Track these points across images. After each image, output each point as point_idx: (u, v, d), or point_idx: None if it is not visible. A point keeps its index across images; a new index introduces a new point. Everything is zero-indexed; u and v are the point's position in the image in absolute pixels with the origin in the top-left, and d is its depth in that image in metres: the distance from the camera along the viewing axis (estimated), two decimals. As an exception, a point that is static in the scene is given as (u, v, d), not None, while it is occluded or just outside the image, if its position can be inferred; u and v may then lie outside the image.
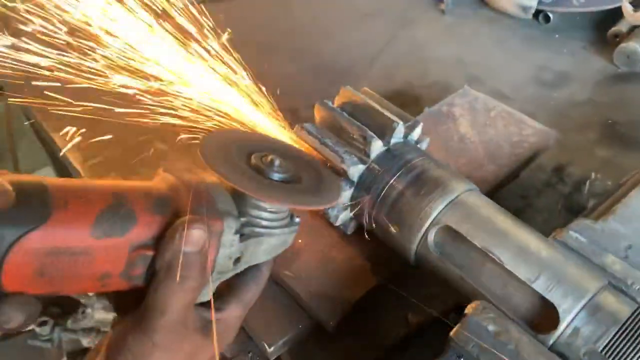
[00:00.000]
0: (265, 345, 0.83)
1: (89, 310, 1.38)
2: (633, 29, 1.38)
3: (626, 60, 1.35)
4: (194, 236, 0.54)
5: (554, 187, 1.11)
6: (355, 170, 0.79)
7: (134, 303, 0.57)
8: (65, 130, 0.92)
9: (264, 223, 0.62)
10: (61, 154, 1.21)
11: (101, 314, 1.37)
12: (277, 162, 0.62)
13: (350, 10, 1.64)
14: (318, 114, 0.85)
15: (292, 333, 0.84)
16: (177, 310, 0.55)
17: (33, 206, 0.49)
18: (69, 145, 0.95)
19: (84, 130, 0.94)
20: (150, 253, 0.55)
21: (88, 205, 0.52)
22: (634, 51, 1.33)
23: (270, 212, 0.62)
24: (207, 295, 0.60)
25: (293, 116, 1.31)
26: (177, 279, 0.54)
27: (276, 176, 0.62)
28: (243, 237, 0.60)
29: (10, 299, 0.50)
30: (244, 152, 0.63)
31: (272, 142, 0.73)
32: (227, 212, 0.59)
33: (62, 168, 1.46)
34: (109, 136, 0.93)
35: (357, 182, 0.80)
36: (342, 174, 0.79)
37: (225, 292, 0.63)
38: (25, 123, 1.44)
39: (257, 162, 0.62)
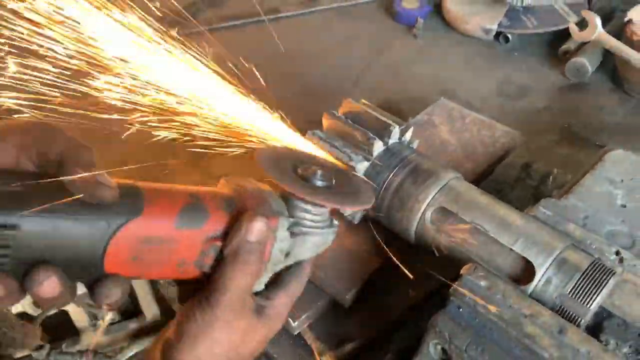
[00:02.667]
0: (290, 320, 0.96)
1: (83, 335, 1.48)
2: (581, 45, 1.59)
3: (576, 72, 1.55)
4: (256, 227, 0.65)
5: (524, 181, 1.28)
6: (362, 167, 0.95)
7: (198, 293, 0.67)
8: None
9: (309, 223, 0.71)
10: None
11: (94, 338, 1.47)
12: (319, 172, 0.72)
13: (330, 36, 1.81)
14: (326, 121, 1.01)
15: (312, 310, 0.99)
16: (238, 290, 0.65)
17: (130, 201, 0.60)
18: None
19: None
20: (219, 243, 0.65)
21: (172, 202, 0.63)
22: (582, 65, 1.54)
23: (314, 214, 0.72)
24: (262, 285, 0.72)
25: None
26: (241, 263, 0.64)
27: (319, 183, 0.72)
28: (292, 234, 0.70)
29: (110, 278, 0.60)
30: (291, 164, 0.74)
31: (312, 157, 0.84)
32: (280, 211, 0.69)
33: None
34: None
35: (364, 176, 0.95)
36: (351, 170, 0.95)
37: (274, 284, 0.73)
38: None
39: (302, 172, 0.72)
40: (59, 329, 1.50)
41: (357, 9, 1.92)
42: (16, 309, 1.40)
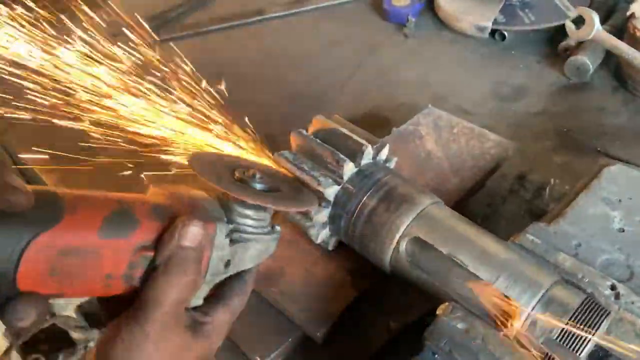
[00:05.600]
0: (258, 358, 0.89)
1: (79, 347, 1.42)
2: (581, 42, 1.49)
3: (576, 71, 1.45)
4: (191, 232, 0.59)
5: (517, 193, 1.20)
6: (331, 191, 0.87)
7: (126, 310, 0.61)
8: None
9: (250, 229, 0.67)
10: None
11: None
12: (258, 175, 0.68)
13: (318, 39, 1.73)
14: (294, 141, 0.93)
15: (283, 345, 0.91)
16: (171, 304, 0.59)
17: (47, 209, 0.53)
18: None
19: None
20: (150, 254, 0.59)
21: (96, 209, 0.57)
22: (583, 63, 1.44)
23: (254, 219, 0.68)
24: (200, 300, 0.65)
25: (270, 142, 1.40)
26: (175, 273, 0.59)
27: (259, 186, 0.68)
28: (231, 242, 0.66)
29: (24, 298, 0.53)
30: (228, 168, 0.70)
31: (251, 162, 0.80)
32: (218, 217, 0.64)
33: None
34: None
35: (333, 202, 0.87)
36: (319, 196, 0.86)
37: (213, 298, 0.67)
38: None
39: (240, 175, 0.68)
40: (57, 341, 1.45)
41: (345, 8, 1.83)
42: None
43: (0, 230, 0.50)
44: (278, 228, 0.72)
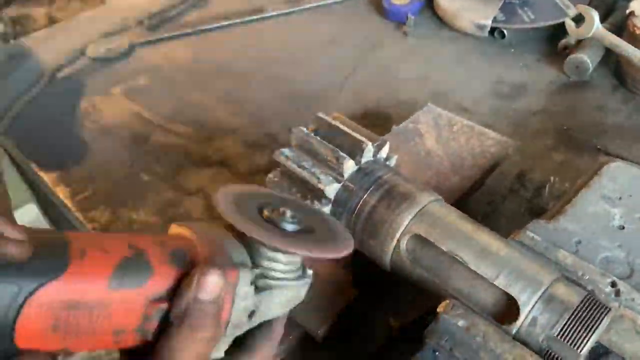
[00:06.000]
0: (259, 357, 0.89)
1: None
2: (581, 40, 1.49)
3: (575, 70, 1.45)
4: (209, 283, 0.53)
5: (517, 192, 1.20)
6: (331, 189, 0.86)
7: None
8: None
9: (278, 275, 0.60)
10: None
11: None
12: (288, 214, 0.61)
13: (318, 37, 1.72)
14: (294, 139, 0.93)
15: (283, 344, 0.91)
16: None
17: (50, 257, 0.48)
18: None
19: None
20: (165, 306, 0.54)
21: (106, 256, 0.51)
22: (582, 61, 1.44)
23: (284, 263, 0.61)
24: (220, 353, 0.59)
25: (270, 140, 1.40)
26: (192, 328, 0.53)
27: (289, 227, 0.61)
28: (257, 289, 0.59)
29: (24, 356, 0.48)
30: (256, 206, 0.63)
31: (283, 197, 0.73)
32: (241, 263, 0.58)
33: (47, 204, 1.52)
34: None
35: (333, 200, 0.87)
36: (320, 193, 0.86)
37: (237, 350, 0.61)
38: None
39: (269, 214, 0.61)
40: None
41: (345, 7, 1.83)
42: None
43: None
44: (310, 272, 0.65)
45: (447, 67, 1.57)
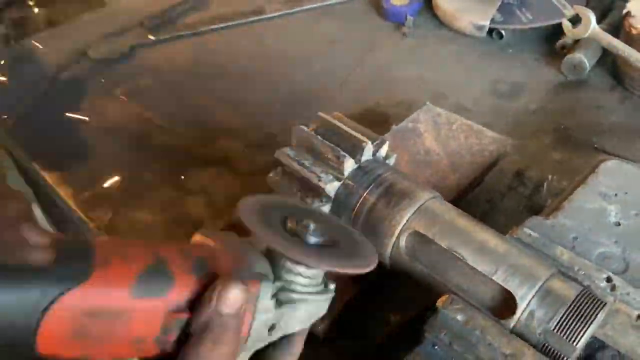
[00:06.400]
0: (261, 353, 0.90)
1: None
2: (578, 40, 1.50)
3: (573, 69, 1.47)
4: (231, 296, 0.52)
5: (516, 190, 1.21)
6: (332, 187, 0.88)
7: None
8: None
9: (300, 288, 0.59)
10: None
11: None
12: (312, 227, 0.60)
13: (318, 38, 1.73)
14: (295, 138, 0.94)
15: (284, 340, 0.92)
16: None
17: (75, 263, 0.48)
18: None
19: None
20: (185, 317, 0.53)
21: (130, 263, 0.51)
22: (580, 61, 1.45)
23: (306, 277, 0.60)
24: None
25: (271, 140, 1.41)
26: (212, 342, 0.52)
27: (313, 240, 0.60)
28: (278, 303, 0.58)
29: None
30: (280, 217, 0.62)
31: (305, 207, 0.73)
32: (263, 274, 0.58)
33: (50, 204, 1.53)
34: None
35: (334, 198, 0.89)
36: (320, 191, 0.88)
37: None
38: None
39: (293, 225, 0.60)
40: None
41: (344, 7, 1.84)
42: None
43: (19, 288, 0.45)
44: (332, 287, 0.64)
45: (446, 67, 1.58)
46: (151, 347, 0.53)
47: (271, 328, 0.59)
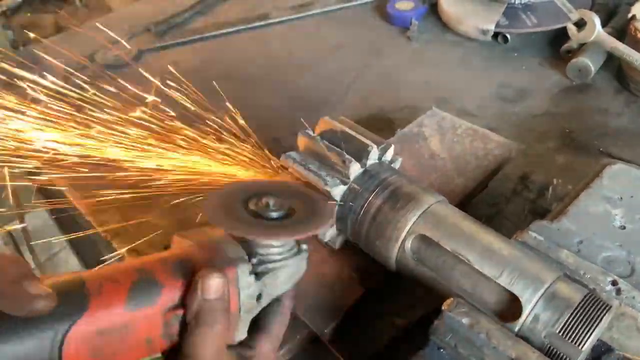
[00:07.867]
0: (267, 356, 0.91)
1: None
2: (583, 44, 1.50)
3: (578, 73, 1.47)
4: (212, 285, 0.61)
5: (520, 194, 1.21)
6: (338, 191, 0.88)
7: None
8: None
9: (275, 257, 0.68)
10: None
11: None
12: (271, 203, 0.68)
13: (323, 43, 1.74)
14: (301, 142, 0.95)
15: (290, 344, 0.93)
16: (211, 355, 0.62)
17: (74, 297, 0.56)
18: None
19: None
20: (181, 312, 0.62)
21: (118, 285, 0.59)
22: (585, 65, 1.45)
23: (278, 247, 0.68)
24: (244, 334, 0.67)
25: (276, 145, 1.42)
26: (205, 325, 0.61)
27: (274, 215, 0.68)
28: (258, 275, 0.67)
29: None
30: (242, 201, 0.70)
31: (265, 184, 0.81)
32: (238, 258, 0.66)
33: (57, 208, 1.54)
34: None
35: (340, 202, 0.89)
36: (327, 195, 0.88)
37: (254, 330, 0.69)
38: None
39: (253, 207, 0.69)
40: None
41: (349, 13, 1.85)
42: None
43: (37, 332, 0.53)
44: (305, 247, 0.72)
45: (451, 71, 1.59)
46: (161, 342, 0.62)
47: (258, 297, 0.68)
